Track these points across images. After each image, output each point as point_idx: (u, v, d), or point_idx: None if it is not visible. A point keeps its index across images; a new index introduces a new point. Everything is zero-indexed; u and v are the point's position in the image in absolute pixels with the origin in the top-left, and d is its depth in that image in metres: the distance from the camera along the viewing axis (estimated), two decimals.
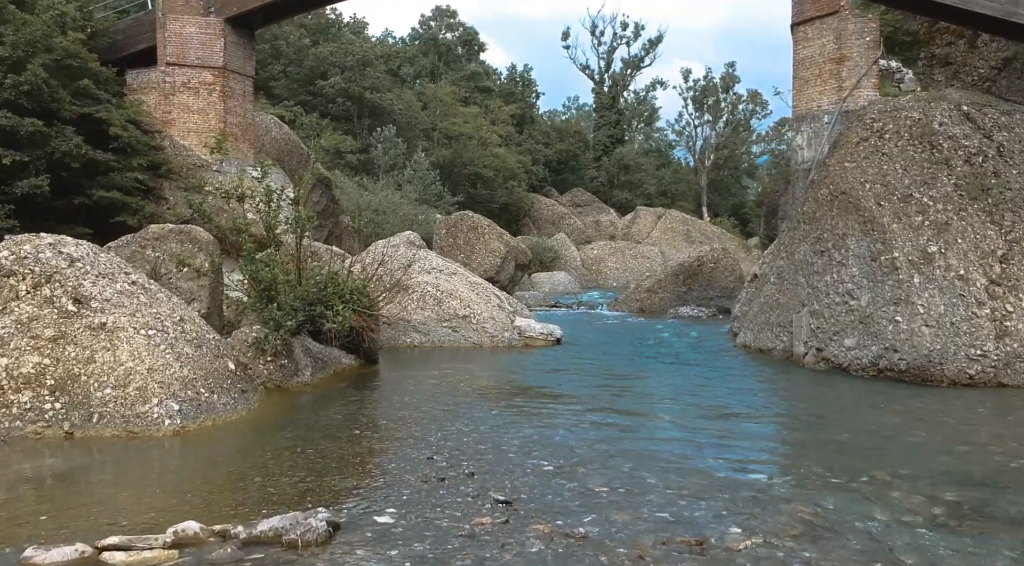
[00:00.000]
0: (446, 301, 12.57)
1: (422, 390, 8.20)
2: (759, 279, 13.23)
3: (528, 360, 10.94)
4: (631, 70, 55.70)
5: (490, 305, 12.79)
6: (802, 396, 8.50)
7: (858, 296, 9.70)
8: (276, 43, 36.22)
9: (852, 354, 9.60)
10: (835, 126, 11.99)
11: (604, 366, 10.47)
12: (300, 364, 8.65)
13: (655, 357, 11.52)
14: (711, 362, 11.00)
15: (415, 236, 17.27)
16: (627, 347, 12.65)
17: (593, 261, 32.47)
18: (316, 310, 7.97)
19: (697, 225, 37.01)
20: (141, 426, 5.99)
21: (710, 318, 18.29)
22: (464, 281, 13.21)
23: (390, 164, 31.26)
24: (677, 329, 15.67)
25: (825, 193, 10.61)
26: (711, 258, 19.81)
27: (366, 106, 33.63)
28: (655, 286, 19.80)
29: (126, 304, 6.65)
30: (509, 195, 36.84)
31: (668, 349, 12.49)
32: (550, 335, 12.63)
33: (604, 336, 14.42)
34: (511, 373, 9.71)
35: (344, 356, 9.86)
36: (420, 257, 13.46)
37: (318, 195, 18.95)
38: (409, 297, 12.62)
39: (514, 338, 12.45)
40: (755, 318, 11.78)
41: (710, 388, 8.80)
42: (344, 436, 5.98)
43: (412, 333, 12.44)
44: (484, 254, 22.86)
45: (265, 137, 19.53)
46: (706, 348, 12.45)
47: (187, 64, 15.44)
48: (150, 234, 10.19)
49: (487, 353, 11.89)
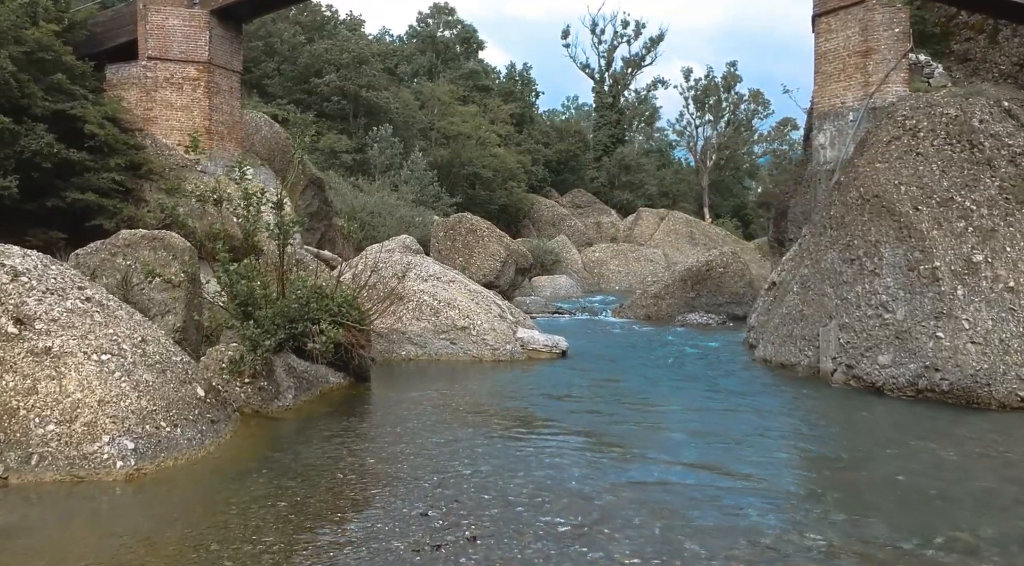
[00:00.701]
0: (444, 311, 11.73)
1: (416, 417, 7.37)
2: (778, 287, 12.41)
3: (532, 377, 10.11)
4: (632, 69, 54.91)
5: (491, 315, 11.96)
6: (838, 421, 7.66)
7: (893, 309, 8.88)
8: (270, 40, 35.41)
9: (887, 372, 8.78)
10: (861, 124, 11.18)
11: (615, 385, 9.64)
12: (281, 386, 7.81)
13: (669, 373, 10.69)
14: (731, 380, 10.17)
15: (411, 240, 16.46)
16: (637, 361, 11.82)
17: (595, 264, 31.65)
18: (298, 328, 7.12)
19: (701, 227, 36.21)
20: (88, 469, 5.15)
21: (720, 325, 17.49)
22: (463, 289, 12.38)
23: (386, 164, 30.42)
24: (688, 338, 14.85)
25: (855, 196, 9.80)
26: (720, 263, 18.99)
27: (362, 105, 32.78)
28: (662, 292, 18.98)
29: (77, 324, 5.80)
30: (508, 196, 36.01)
31: (682, 363, 11.66)
32: (555, 347, 11.80)
33: (611, 347, 13.59)
34: (514, 394, 8.88)
35: (332, 374, 9.03)
36: (416, 263, 12.62)
37: (310, 196, 18.12)
38: (404, 307, 11.79)
39: (517, 351, 11.62)
40: (776, 330, 10.96)
41: (735, 413, 7.97)
42: (324, 482, 5.14)
43: (407, 345, 11.60)
44: (483, 258, 22.03)
45: (255, 136, 18.71)
46: (723, 362, 11.62)
47: (170, 58, 14.61)
48: (121, 240, 9.35)
49: (488, 368, 11.06)
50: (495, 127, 38.28)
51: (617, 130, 51.56)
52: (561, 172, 46.90)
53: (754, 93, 62.80)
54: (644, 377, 10.23)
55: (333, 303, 8.49)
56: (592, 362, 11.53)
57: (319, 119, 32.49)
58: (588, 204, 42.27)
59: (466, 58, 44.92)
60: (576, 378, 10.10)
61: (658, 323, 17.90)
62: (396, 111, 34.05)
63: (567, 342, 12.08)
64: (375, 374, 9.62)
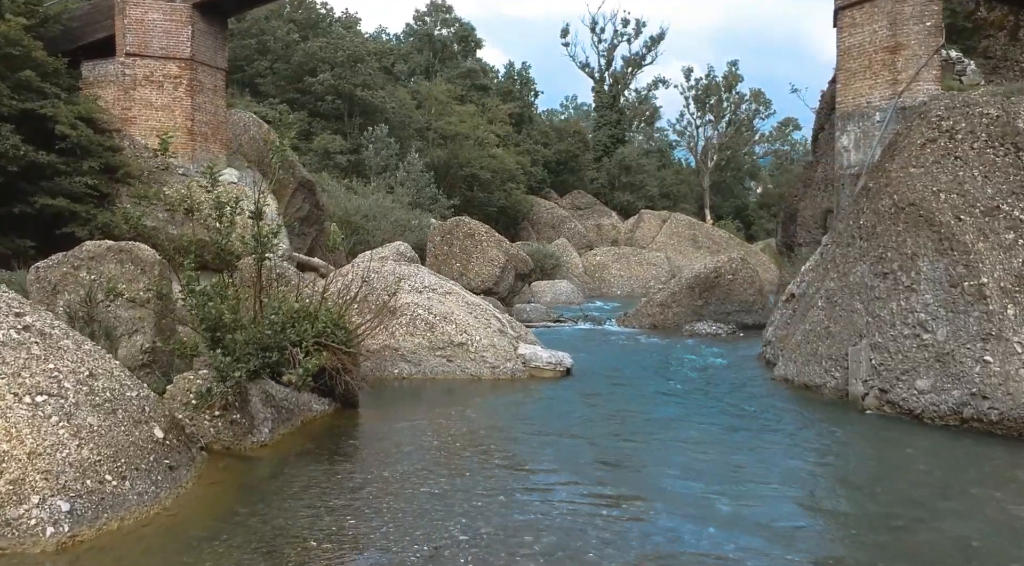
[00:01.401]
0: (439, 326, 10.91)
1: (407, 457, 6.54)
2: (798, 300, 11.61)
3: (536, 403, 9.29)
4: (632, 68, 54.12)
5: (490, 330, 11.13)
6: (882, 460, 6.85)
7: (933, 329, 8.07)
8: (263, 38, 34.58)
9: (927, 399, 7.97)
10: (888, 125, 10.37)
11: (627, 413, 8.81)
12: (257, 418, 6.99)
13: (684, 397, 9.86)
14: (752, 404, 9.36)
15: (406, 247, 15.65)
16: (648, 381, 11.00)
17: (596, 268, 30.83)
18: (272, 356, 6.29)
19: (704, 229, 35.41)
20: (12, 538, 4.32)
21: (730, 335, 16.68)
22: (460, 301, 11.55)
23: (382, 165, 29.58)
24: (698, 351, 14.04)
25: (888, 204, 8.98)
26: (729, 269, 18.18)
27: (357, 104, 31.93)
28: (668, 300, 18.16)
29: (8, 360, 4.97)
30: (507, 198, 35.19)
31: (696, 384, 10.84)
32: (559, 365, 10.98)
33: (618, 363, 12.77)
34: (517, 426, 8.05)
35: (316, 401, 8.21)
36: (410, 274, 11.80)
37: (300, 200, 17.29)
38: (397, 321, 10.96)
39: (518, 369, 10.80)
40: (799, 348, 10.14)
41: (764, 449, 7.16)
42: (294, 555, 4.31)
43: (400, 363, 10.78)
44: (482, 263, 21.21)
45: (243, 136, 17.87)
46: (740, 382, 10.81)
47: (150, 55, 13.77)
48: (84, 253, 8.54)
49: (487, 388, 10.24)
50: (493, 127, 37.45)
51: (617, 130, 50.77)
52: (560, 173, 46.08)
53: (755, 92, 62.12)
54: (658, 402, 9.41)
55: (317, 323, 7.67)
56: (599, 382, 10.71)
57: (313, 119, 31.67)
58: (588, 206, 41.46)
59: (464, 57, 44.07)
60: (583, 403, 9.28)
61: (665, 333, 17.10)
62: (392, 111, 33.22)
63: (571, 359, 11.26)
64: (365, 396, 8.78)
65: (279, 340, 6.21)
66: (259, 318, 6.40)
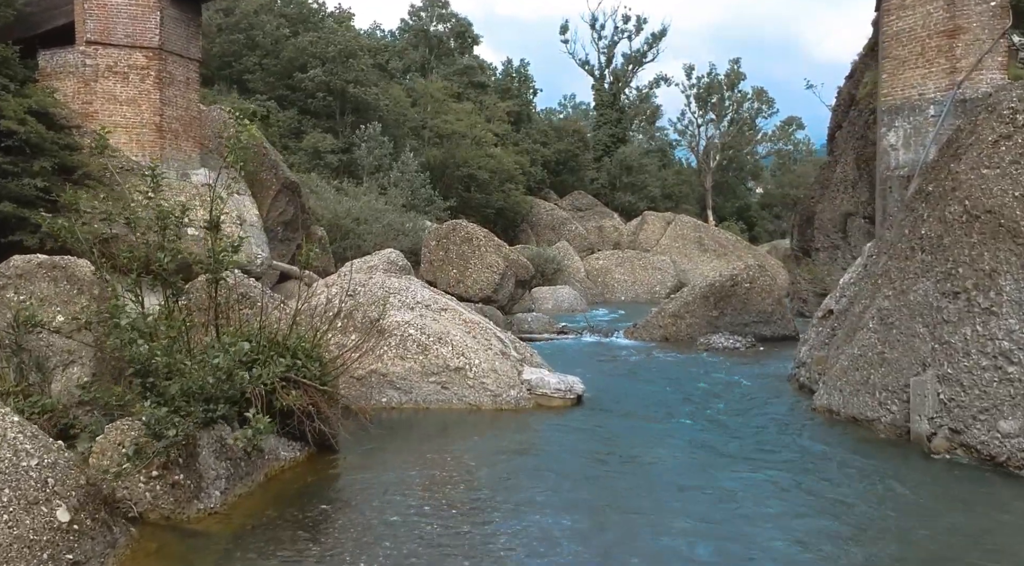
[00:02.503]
0: (433, 348, 9.60)
1: (391, 530, 5.24)
2: (837, 318, 10.32)
3: (545, 442, 7.99)
4: (633, 66, 52.87)
5: (491, 352, 9.82)
6: (963, 520, 5.56)
7: (1020, 360, 6.79)
8: (252, 33, 33.27)
9: (1013, 444, 6.69)
10: (945, 118, 9.09)
11: (650, 454, 7.51)
12: (206, 477, 5.67)
13: (712, 431, 8.56)
14: (793, 441, 8.08)
15: (397, 255, 14.35)
16: (669, 410, 9.71)
17: (599, 272, 29.55)
18: (216, 410, 4.96)
19: (710, 232, 34.15)
20: None
21: (749, 349, 15.40)
22: (457, 319, 10.24)
23: (375, 165, 28.24)
24: (718, 370, 12.76)
25: (957, 211, 7.69)
26: (746, 277, 16.90)
27: (349, 101, 30.60)
28: (681, 310, 16.87)
29: None
30: (506, 199, 33.88)
31: (723, 413, 9.54)
32: (568, 392, 9.68)
33: (633, 385, 11.48)
34: (525, 477, 6.75)
35: (284, 446, 6.89)
36: (401, 287, 10.49)
37: (283, 203, 15.97)
38: (386, 343, 9.66)
39: (522, 397, 9.49)
40: (845, 375, 8.85)
41: (812, 501, 5.89)
42: None
43: (389, 390, 9.47)
44: (480, 270, 19.89)
45: (222, 134, 16.52)
46: (774, 412, 9.52)
47: (113, 43, 12.44)
48: (11, 269, 7.22)
49: (487, 421, 8.94)
50: (491, 126, 36.14)
51: (618, 129, 49.50)
52: (560, 173, 44.76)
53: (758, 91, 60.98)
54: (684, 441, 8.10)
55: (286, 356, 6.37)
56: (614, 413, 9.41)
57: (303, 117, 30.35)
58: (589, 207, 40.17)
59: (461, 53, 42.74)
60: (599, 442, 7.99)
61: (678, 347, 15.81)
62: (386, 108, 31.88)
63: (582, 384, 9.96)
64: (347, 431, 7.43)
65: (225, 390, 4.89)
66: (210, 356, 5.07)
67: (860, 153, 19.91)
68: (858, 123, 20.64)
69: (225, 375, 4.75)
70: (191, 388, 4.70)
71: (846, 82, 23.54)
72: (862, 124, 20.24)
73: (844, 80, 23.72)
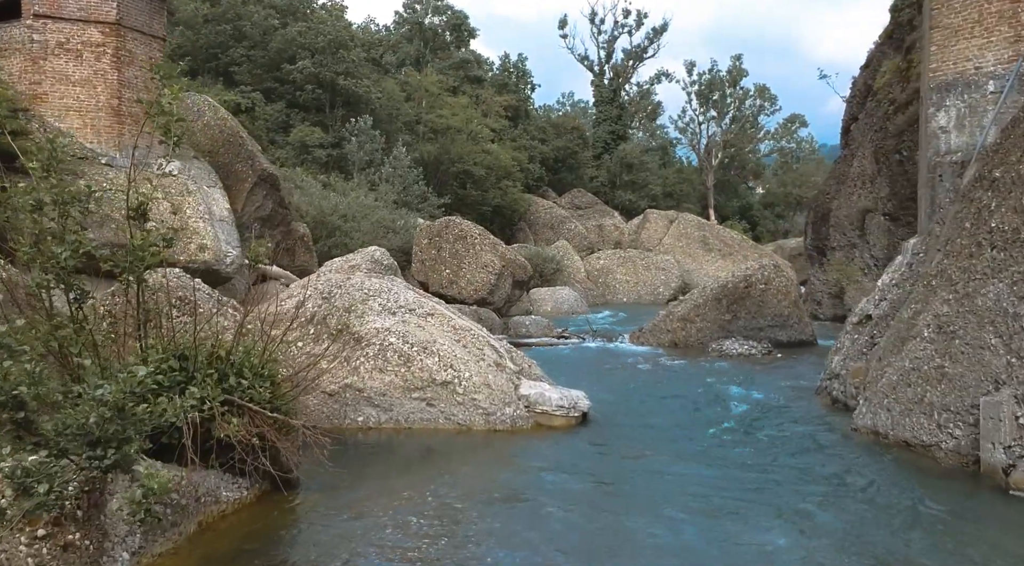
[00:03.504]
0: (418, 359, 8.36)
1: None
2: (877, 324, 9.10)
3: (547, 473, 6.75)
4: (633, 61, 51.59)
5: (484, 364, 8.58)
6: None
7: None
8: (239, 24, 31.93)
9: None
10: (1008, 95, 7.88)
11: (672, 491, 6.28)
12: (113, 533, 4.43)
13: (737, 458, 7.33)
14: (834, 471, 6.87)
15: (382, 253, 13.10)
16: (685, 429, 8.49)
17: (599, 273, 28.31)
18: (105, 457, 3.69)
19: (714, 231, 32.91)
20: None
21: (765, 356, 14.18)
22: (445, 326, 9.00)
23: (366, 160, 26.98)
24: (736, 380, 11.54)
25: None
26: (761, 278, 15.67)
27: (339, 94, 29.32)
28: (691, 314, 15.64)
29: None
30: (503, 196, 32.63)
31: (748, 434, 8.32)
32: (572, 409, 8.44)
33: (642, 398, 10.25)
34: (521, 519, 5.51)
35: (227, 485, 5.63)
36: (382, 289, 9.24)
37: (260, 196, 14.72)
38: (363, 353, 8.42)
39: (519, 415, 8.25)
40: (893, 392, 7.62)
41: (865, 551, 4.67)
42: None
43: (366, 408, 8.23)
44: (474, 270, 18.68)
45: (196, 123, 15.27)
46: (806, 432, 8.30)
47: (64, 17, 11.18)
48: None
49: (479, 445, 7.71)
50: (488, 121, 34.88)
51: (618, 126, 48.22)
52: (559, 171, 43.48)
53: (760, 88, 59.69)
54: (707, 471, 6.87)
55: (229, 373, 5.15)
56: (625, 435, 8.18)
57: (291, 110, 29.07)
58: (589, 205, 38.92)
59: (457, 47, 41.49)
60: (610, 473, 6.77)
61: (688, 353, 14.59)
62: (378, 102, 30.61)
63: (587, 399, 8.72)
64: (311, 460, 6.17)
65: (114, 431, 3.62)
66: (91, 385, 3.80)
67: (879, 146, 18.72)
68: (876, 114, 19.45)
69: (113, 411, 3.52)
70: (68, 427, 3.45)
71: (861, 72, 22.36)
72: (880, 115, 19.04)
73: (859, 70, 22.57)
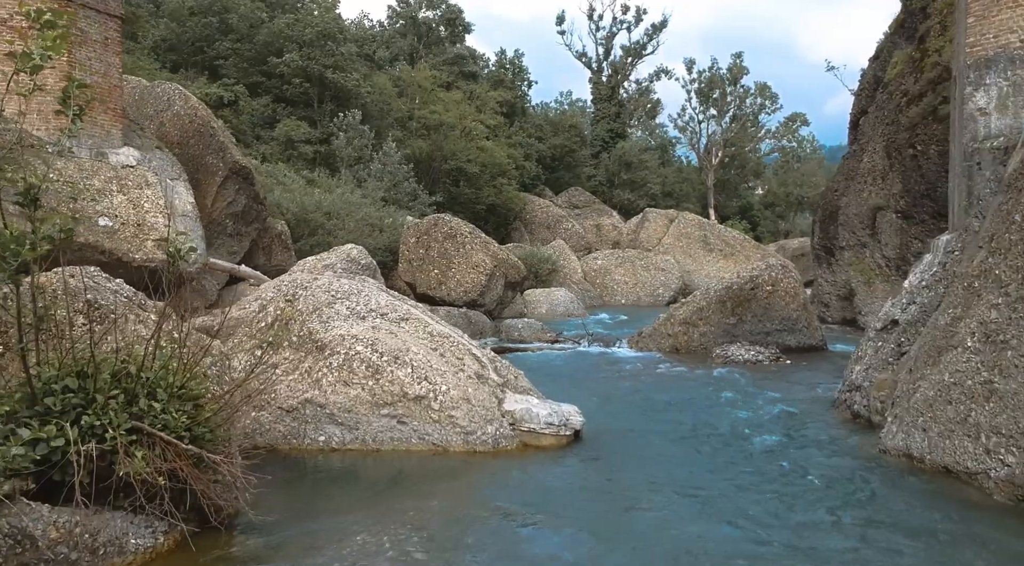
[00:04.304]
0: (388, 370, 7.37)
1: None
2: (905, 330, 8.12)
3: (534, 503, 5.75)
4: (632, 58, 50.70)
5: (463, 375, 7.59)
6: None
7: None
8: (225, 16, 30.96)
9: None
10: None
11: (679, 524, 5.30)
12: None
13: (751, 485, 6.35)
14: (864, 501, 5.89)
15: (360, 251, 12.11)
16: (690, 448, 7.51)
17: (597, 273, 27.34)
18: None
19: (716, 230, 31.93)
20: None
21: (774, 363, 13.21)
22: (421, 332, 8.01)
23: (355, 157, 25.99)
24: (742, 389, 10.58)
25: None
26: (768, 279, 14.70)
27: (328, 88, 28.33)
28: (693, 317, 14.66)
29: None
30: (497, 195, 31.64)
31: (759, 452, 7.34)
32: (563, 427, 7.46)
33: (642, 411, 9.27)
34: None
35: (136, 529, 4.63)
36: (350, 291, 8.25)
37: (232, 191, 13.72)
38: (325, 362, 7.43)
39: (504, 434, 7.27)
40: (931, 409, 6.64)
41: None
42: None
43: (328, 427, 7.24)
44: (464, 270, 17.70)
45: (165, 113, 14.31)
46: (826, 453, 7.32)
47: None
48: None
49: (457, 469, 6.73)
50: (483, 117, 33.89)
51: (617, 124, 47.31)
52: (556, 169, 42.52)
53: (760, 86, 58.85)
54: (717, 495, 5.89)
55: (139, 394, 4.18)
56: (622, 455, 7.20)
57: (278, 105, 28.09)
58: (586, 204, 37.97)
59: (451, 42, 40.51)
60: (607, 502, 5.78)
61: (691, 359, 13.61)
62: (368, 96, 29.62)
63: (581, 415, 7.73)
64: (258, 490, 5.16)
65: None
66: None
67: (890, 140, 17.75)
68: (887, 107, 18.49)
69: None
70: None
71: (870, 64, 21.41)
72: (892, 108, 18.08)
73: (868, 62, 21.63)
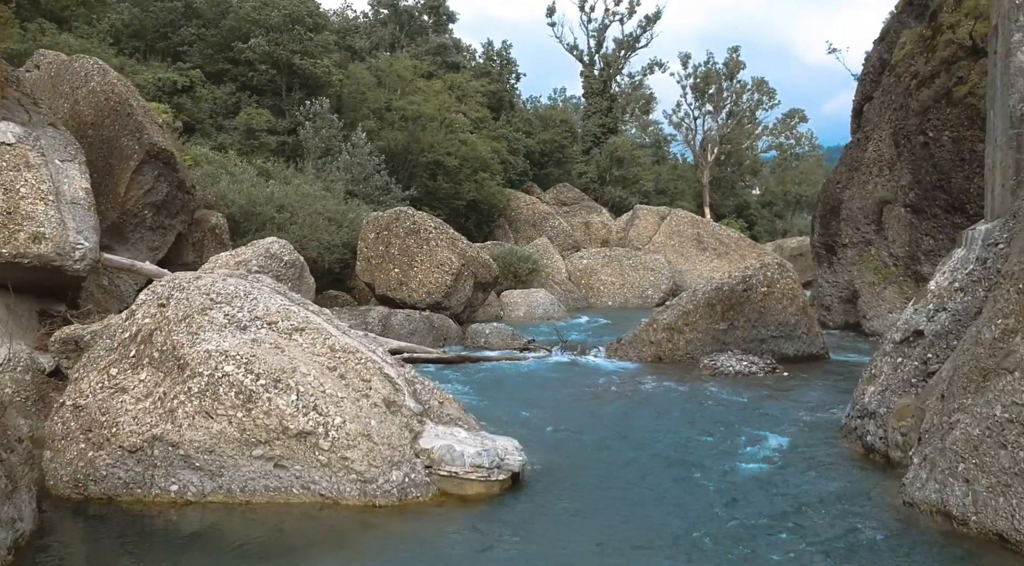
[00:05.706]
0: (265, 397, 5.66)
1: None
2: (933, 344, 6.43)
3: None
4: (625, 51, 48.98)
5: (368, 402, 5.88)
6: None
7: None
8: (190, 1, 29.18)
9: None
10: None
11: None
12: None
13: (741, 557, 4.65)
14: None
15: (281, 246, 10.39)
16: (660, 495, 5.80)
17: (582, 273, 25.64)
18: None
19: (709, 228, 30.25)
20: None
21: (768, 374, 11.54)
22: (318, 346, 6.28)
23: (322, 147, 24.26)
24: (732, 409, 8.89)
25: None
26: (762, 279, 13.01)
27: (297, 76, 26.60)
28: (679, 322, 12.95)
29: None
30: (479, 190, 29.90)
31: (753, 505, 5.63)
32: (495, 469, 5.75)
33: (608, 441, 7.56)
34: None
35: None
36: (234, 293, 6.53)
37: (151, 178, 11.99)
38: (183, 387, 5.72)
39: (414, 480, 5.56)
40: (974, 453, 4.94)
41: None
42: None
43: (182, 472, 5.53)
44: (428, 269, 15.99)
45: (80, 89, 12.60)
46: (837, 508, 5.61)
47: None
48: None
49: (350, 532, 5.03)
50: (465, 108, 32.15)
51: (608, 119, 45.59)
52: (545, 165, 40.77)
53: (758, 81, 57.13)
54: None
55: None
56: (571, 507, 5.49)
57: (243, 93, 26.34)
58: (575, 201, 36.26)
59: (435, 31, 38.79)
60: None
61: (675, 371, 11.92)
62: (342, 86, 27.88)
63: (521, 452, 6.03)
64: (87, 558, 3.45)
65: None
66: None
67: (899, 127, 16.10)
68: (895, 91, 16.81)
69: None
70: None
71: (875, 47, 19.70)
72: (900, 92, 16.41)
73: (872, 44, 19.92)
